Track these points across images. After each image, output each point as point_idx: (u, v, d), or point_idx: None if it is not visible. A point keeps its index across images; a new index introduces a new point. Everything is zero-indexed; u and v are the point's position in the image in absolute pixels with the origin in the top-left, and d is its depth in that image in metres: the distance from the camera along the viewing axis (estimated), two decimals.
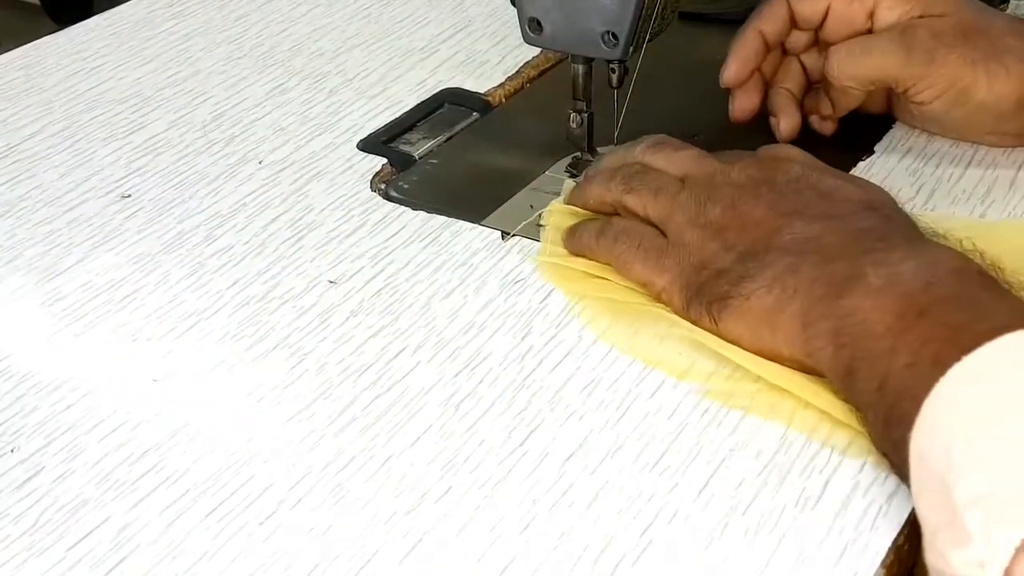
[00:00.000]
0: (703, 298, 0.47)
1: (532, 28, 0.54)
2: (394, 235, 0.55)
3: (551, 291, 0.51)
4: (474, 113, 0.66)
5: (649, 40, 0.54)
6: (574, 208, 0.55)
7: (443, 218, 0.56)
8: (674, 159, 0.52)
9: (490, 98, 0.67)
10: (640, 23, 0.52)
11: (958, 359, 0.37)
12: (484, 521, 0.40)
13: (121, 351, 0.49)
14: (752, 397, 0.45)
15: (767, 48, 0.60)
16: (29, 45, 0.76)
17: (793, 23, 0.60)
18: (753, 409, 0.44)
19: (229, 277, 0.53)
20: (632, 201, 0.51)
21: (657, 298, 0.49)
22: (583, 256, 0.52)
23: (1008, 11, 0.71)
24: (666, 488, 0.41)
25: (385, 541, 0.40)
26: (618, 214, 0.52)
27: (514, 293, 0.51)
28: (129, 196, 0.60)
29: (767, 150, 0.53)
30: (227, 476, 0.43)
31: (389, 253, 0.54)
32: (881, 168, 0.58)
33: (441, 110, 0.67)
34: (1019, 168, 0.57)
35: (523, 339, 0.48)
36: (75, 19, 0.79)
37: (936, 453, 0.37)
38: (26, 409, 0.46)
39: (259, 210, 0.58)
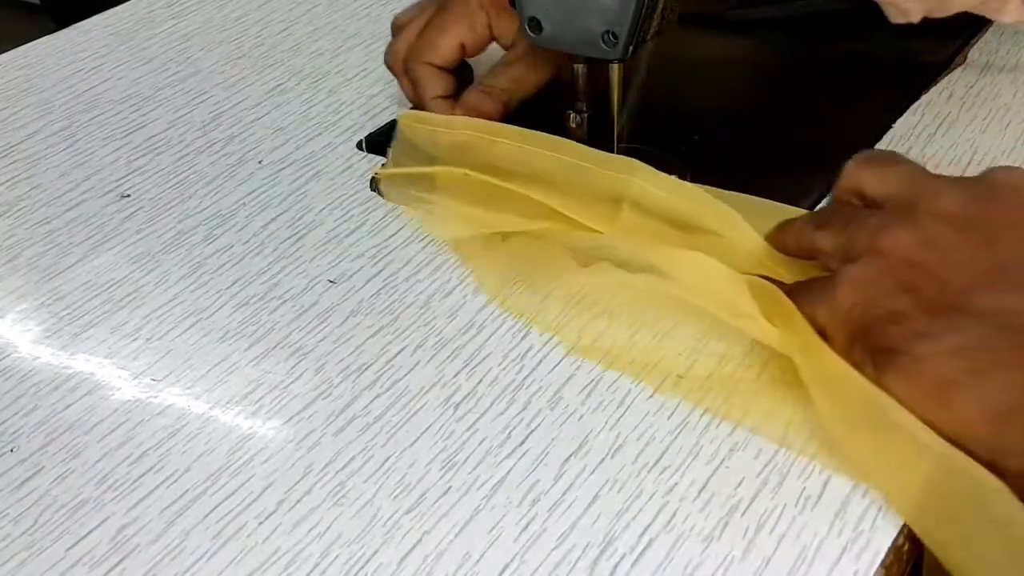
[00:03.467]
0: (869, 342, 0.40)
1: (532, 28, 0.54)
2: (394, 235, 0.55)
3: (551, 291, 0.51)
4: None
5: (648, 41, 0.54)
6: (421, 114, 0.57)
7: None
8: (885, 175, 0.45)
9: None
10: (640, 23, 0.52)
11: None
12: (484, 521, 0.40)
13: (121, 351, 0.49)
14: (750, 401, 0.44)
15: None
16: (28, 45, 0.76)
17: None
18: (752, 412, 0.44)
19: (229, 277, 0.53)
20: (822, 239, 0.45)
21: (821, 335, 0.43)
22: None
23: None
24: (666, 488, 0.41)
25: (385, 541, 0.40)
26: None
27: (513, 293, 0.51)
28: (128, 196, 0.60)
29: (993, 174, 0.44)
30: (226, 476, 0.43)
31: (389, 253, 0.54)
32: None
33: None
34: None
35: (523, 339, 0.48)
36: (75, 19, 0.79)
37: None
38: (26, 409, 0.46)
39: (259, 210, 0.58)
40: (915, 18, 0.58)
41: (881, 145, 0.60)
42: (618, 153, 0.56)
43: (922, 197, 0.43)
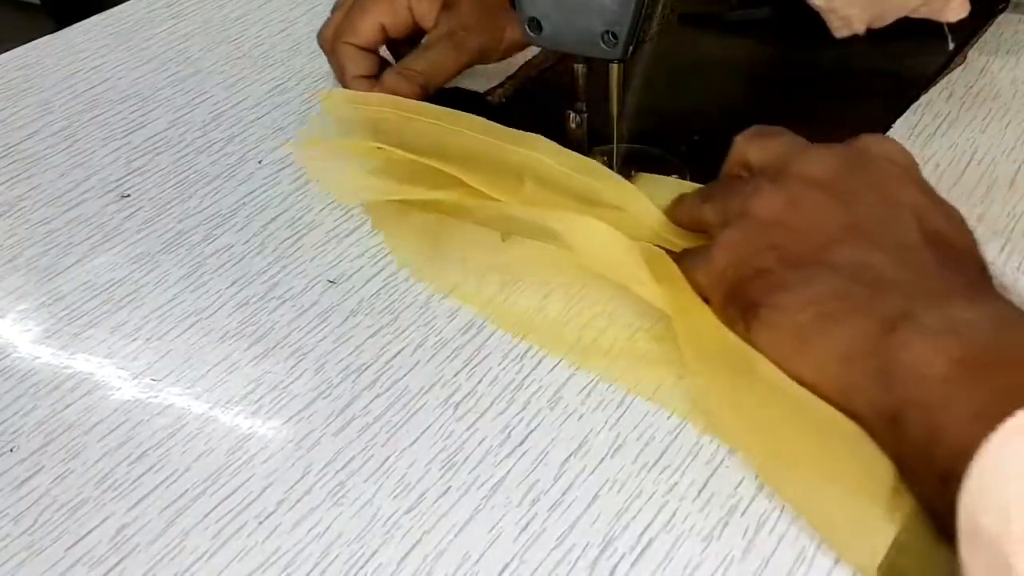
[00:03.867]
0: (739, 300, 0.43)
1: (532, 28, 0.54)
2: None
3: (551, 291, 0.51)
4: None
5: (648, 41, 0.54)
6: (352, 93, 0.59)
7: None
8: (767, 147, 0.47)
9: (490, 98, 0.67)
10: (640, 23, 0.52)
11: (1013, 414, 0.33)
12: (484, 521, 0.40)
13: (121, 351, 0.49)
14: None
15: None
16: (28, 45, 0.76)
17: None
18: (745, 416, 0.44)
19: (228, 277, 0.53)
20: (708, 210, 0.47)
21: (703, 297, 0.46)
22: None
23: (1008, 10, 0.71)
24: (666, 488, 0.41)
25: (385, 541, 0.40)
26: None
27: (514, 292, 0.51)
28: (128, 196, 0.60)
29: (864, 142, 0.47)
30: (226, 476, 0.43)
31: (389, 253, 0.54)
32: None
33: None
34: (1019, 168, 0.57)
35: (523, 339, 0.48)
36: (75, 19, 0.79)
37: (990, 521, 0.32)
38: (25, 409, 0.46)
39: (259, 210, 0.58)
40: (859, 28, 0.59)
41: None
42: (618, 153, 0.56)
43: (793, 162, 0.45)
